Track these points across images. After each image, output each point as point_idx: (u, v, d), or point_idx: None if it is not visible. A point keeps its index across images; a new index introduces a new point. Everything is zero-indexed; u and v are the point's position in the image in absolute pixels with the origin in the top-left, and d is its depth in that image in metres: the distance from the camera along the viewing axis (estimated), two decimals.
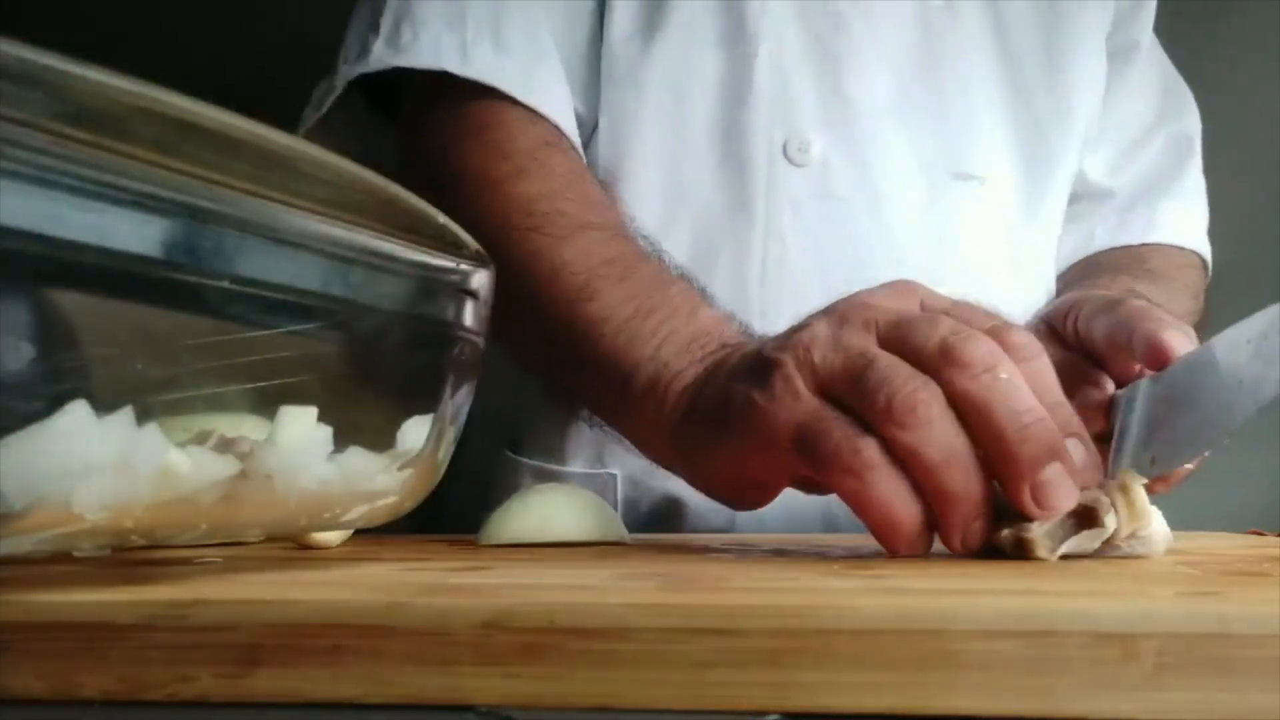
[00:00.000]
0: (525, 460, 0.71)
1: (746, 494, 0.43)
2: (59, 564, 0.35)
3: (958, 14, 0.72)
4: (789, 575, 0.30)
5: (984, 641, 0.22)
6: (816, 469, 0.37)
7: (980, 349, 0.36)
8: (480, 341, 0.36)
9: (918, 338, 0.37)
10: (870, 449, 0.36)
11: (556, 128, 0.62)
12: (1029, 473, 0.35)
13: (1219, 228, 0.81)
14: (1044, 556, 0.35)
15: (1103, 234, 0.78)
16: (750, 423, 0.40)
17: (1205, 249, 0.79)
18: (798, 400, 0.38)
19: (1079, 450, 0.36)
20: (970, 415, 0.35)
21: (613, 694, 0.22)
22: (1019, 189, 0.73)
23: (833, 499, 0.38)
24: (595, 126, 0.66)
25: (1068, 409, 0.37)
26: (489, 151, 0.59)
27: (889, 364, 0.37)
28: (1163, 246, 0.77)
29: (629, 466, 0.67)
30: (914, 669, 0.22)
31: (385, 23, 0.61)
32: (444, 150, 0.61)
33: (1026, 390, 0.36)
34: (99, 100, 0.24)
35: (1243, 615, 0.22)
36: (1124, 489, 0.36)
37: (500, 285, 0.37)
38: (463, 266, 0.35)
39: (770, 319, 0.64)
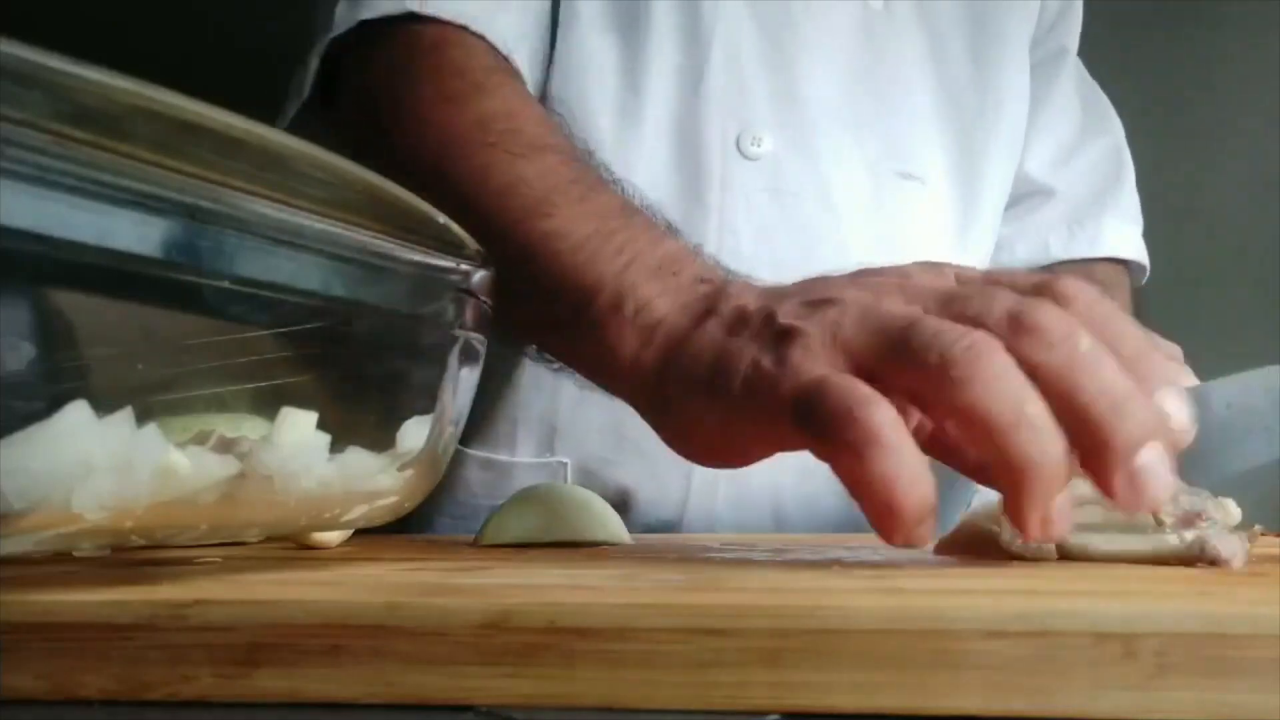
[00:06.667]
0: (471, 452, 0.70)
1: (727, 458, 0.38)
2: (59, 564, 0.35)
3: (896, 17, 0.73)
4: (789, 575, 0.30)
5: (984, 641, 0.22)
6: (812, 441, 0.32)
7: (1053, 314, 0.31)
8: (482, 341, 0.36)
9: (974, 309, 0.32)
10: (878, 413, 0.30)
11: (516, 68, 0.60)
12: (1124, 459, 0.29)
13: (1214, 227, 0.82)
14: (1238, 567, 0.31)
15: (1056, 246, 0.82)
16: (752, 389, 0.34)
17: (1143, 256, 0.83)
18: (813, 369, 0.33)
19: (1181, 411, 0.31)
20: (1049, 394, 0.30)
21: (613, 694, 0.22)
22: (953, 191, 0.74)
23: (781, 491, 0.34)
24: None
25: (1152, 357, 0.32)
26: (443, 70, 0.55)
27: (937, 322, 0.32)
28: (1103, 261, 0.81)
29: (580, 454, 0.66)
30: (914, 669, 0.22)
31: None
32: (391, 78, 0.56)
33: (1112, 360, 0.30)
34: (99, 100, 0.24)
35: (1243, 615, 0.22)
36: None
37: (445, 207, 0.34)
38: (463, 266, 0.35)
39: None
